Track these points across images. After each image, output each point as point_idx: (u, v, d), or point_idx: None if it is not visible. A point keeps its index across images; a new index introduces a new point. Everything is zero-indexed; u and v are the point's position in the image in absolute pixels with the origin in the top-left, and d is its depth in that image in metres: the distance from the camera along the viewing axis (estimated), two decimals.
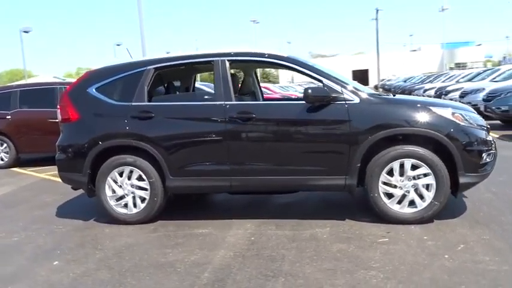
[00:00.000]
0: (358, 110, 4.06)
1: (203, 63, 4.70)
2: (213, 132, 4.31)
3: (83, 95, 4.71)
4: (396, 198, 4.06)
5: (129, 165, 4.51)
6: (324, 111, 4.11)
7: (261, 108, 4.39)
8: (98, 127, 4.59)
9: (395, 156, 4.00)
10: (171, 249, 3.82)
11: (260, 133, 4.26)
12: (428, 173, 3.96)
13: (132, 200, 4.56)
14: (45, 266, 3.62)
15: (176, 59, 4.67)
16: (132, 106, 4.51)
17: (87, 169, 4.57)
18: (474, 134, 4.00)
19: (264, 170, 4.27)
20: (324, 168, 4.15)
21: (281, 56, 4.41)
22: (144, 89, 4.54)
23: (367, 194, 4.11)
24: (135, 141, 4.45)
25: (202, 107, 4.51)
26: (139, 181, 4.52)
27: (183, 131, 4.43)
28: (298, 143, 4.21)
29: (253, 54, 4.51)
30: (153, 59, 4.68)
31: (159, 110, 4.48)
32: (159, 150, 4.40)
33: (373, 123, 4.01)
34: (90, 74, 4.90)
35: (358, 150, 4.02)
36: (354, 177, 4.09)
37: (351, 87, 4.19)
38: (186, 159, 4.40)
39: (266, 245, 3.76)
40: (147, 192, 4.51)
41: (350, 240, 3.75)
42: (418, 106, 4.09)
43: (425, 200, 4.00)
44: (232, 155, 4.28)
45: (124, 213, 4.59)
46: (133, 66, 4.66)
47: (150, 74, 4.57)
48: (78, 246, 4.04)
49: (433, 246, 3.51)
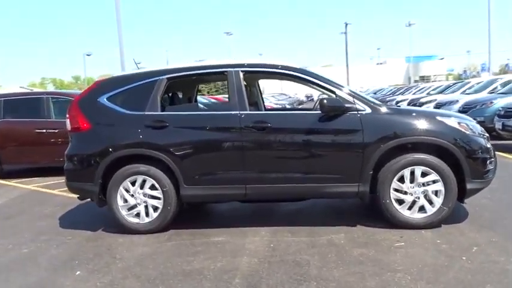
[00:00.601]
0: (370, 119, 4.24)
1: (216, 74, 4.79)
2: (228, 141, 4.39)
3: (93, 105, 4.68)
4: (407, 204, 4.25)
5: (142, 174, 4.51)
6: (337, 121, 4.26)
7: (276, 117, 4.51)
8: (110, 136, 4.58)
9: (406, 163, 4.19)
10: (193, 256, 3.84)
11: (275, 142, 4.36)
12: (437, 180, 4.17)
13: (145, 209, 4.55)
14: (68, 276, 3.57)
15: (190, 69, 4.74)
16: (146, 115, 4.53)
17: (99, 178, 4.53)
18: (478, 142, 4.25)
19: (279, 178, 4.37)
20: (338, 176, 4.30)
21: (294, 68, 4.56)
22: (157, 98, 4.58)
23: (379, 201, 4.28)
24: (149, 151, 4.46)
25: (216, 117, 4.58)
26: (152, 190, 4.52)
27: (197, 140, 4.48)
28: (312, 151, 4.34)
29: (267, 66, 4.64)
30: (166, 69, 4.72)
31: (173, 120, 4.52)
32: (174, 159, 4.43)
33: (385, 133, 4.20)
34: (101, 83, 4.89)
35: (371, 158, 4.19)
36: (366, 184, 4.26)
37: (362, 98, 4.38)
38: (200, 168, 4.45)
39: (288, 251, 3.85)
40: (160, 201, 4.51)
41: (368, 245, 3.89)
42: (427, 116, 4.32)
43: (435, 206, 4.21)
44: (248, 164, 4.37)
45: (136, 223, 4.57)
46: (146, 76, 4.69)
47: (163, 83, 4.61)
48: (96, 256, 3.99)
49: (448, 249, 3.69)
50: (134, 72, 4.89)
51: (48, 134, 8.55)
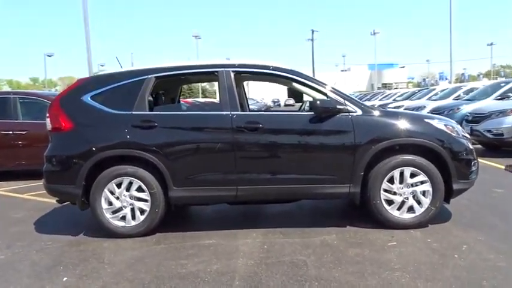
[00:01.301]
0: (361, 121, 4.29)
1: (207, 74, 4.71)
2: (219, 142, 4.31)
3: (76, 103, 4.50)
4: (396, 205, 4.31)
5: (129, 175, 4.36)
6: (329, 122, 4.28)
7: (268, 118, 4.47)
8: (95, 136, 4.40)
9: (396, 164, 4.26)
10: (186, 259, 3.74)
11: (267, 143, 4.33)
12: (425, 181, 4.27)
13: (131, 212, 4.40)
14: (55, 282, 3.38)
15: (179, 68, 4.63)
16: (133, 115, 4.39)
17: (82, 180, 4.34)
18: (463, 144, 4.38)
19: (271, 179, 4.34)
20: (329, 176, 4.31)
21: (285, 69, 4.55)
22: (145, 98, 4.45)
23: (369, 201, 4.32)
24: (137, 151, 4.32)
25: (207, 117, 4.50)
26: (139, 192, 4.38)
27: (187, 141, 4.38)
28: (304, 152, 4.34)
29: (258, 67, 4.60)
30: (154, 68, 4.60)
31: (162, 120, 4.40)
32: (162, 160, 4.31)
33: (375, 134, 4.25)
34: (84, 81, 4.70)
35: (362, 159, 4.24)
36: (357, 185, 4.29)
37: (353, 100, 4.42)
38: (190, 169, 4.35)
39: (283, 252, 3.81)
40: (147, 203, 4.38)
41: (362, 245, 3.91)
42: (416, 118, 4.42)
43: (423, 206, 4.29)
44: (239, 165, 4.31)
45: (122, 226, 4.40)
46: (132, 75, 4.55)
47: (151, 82, 4.49)
48: (82, 261, 3.81)
49: (440, 248, 3.77)
50: (120, 70, 4.74)
51: (14, 136, 8.16)
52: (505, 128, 8.79)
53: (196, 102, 17.80)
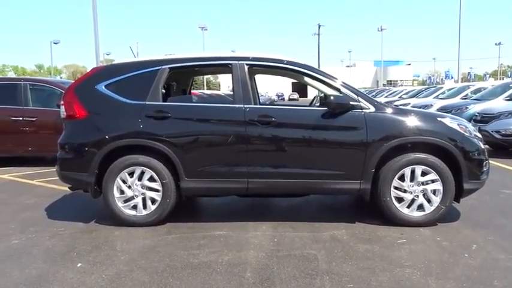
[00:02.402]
0: (374, 118, 4.30)
1: (220, 66, 4.72)
2: (231, 135, 4.34)
3: (91, 92, 4.52)
4: (406, 203, 4.34)
5: (141, 165, 4.39)
6: (342, 118, 4.30)
7: (281, 112, 4.48)
8: (108, 125, 4.43)
9: (408, 162, 4.28)
10: (198, 250, 3.78)
11: (279, 137, 4.34)
12: (436, 179, 4.28)
13: (142, 202, 4.44)
14: (70, 268, 3.43)
15: (193, 60, 4.65)
16: (147, 105, 4.41)
17: (95, 169, 4.38)
18: (475, 144, 4.38)
19: (282, 173, 4.36)
20: (341, 172, 4.33)
21: (299, 63, 4.55)
22: (158, 88, 4.47)
23: (379, 198, 4.34)
24: (150, 141, 4.35)
25: (220, 109, 4.52)
26: (150, 182, 4.42)
27: (200, 132, 4.41)
28: (316, 147, 4.36)
29: (272, 60, 4.61)
30: (169, 59, 4.62)
31: (176, 110, 4.43)
32: (175, 151, 4.34)
33: (388, 131, 4.27)
34: (99, 70, 4.72)
35: (373, 156, 4.25)
36: (368, 181, 4.31)
37: (366, 97, 4.43)
38: (202, 161, 4.38)
39: (293, 246, 3.85)
40: (158, 193, 4.42)
41: (371, 241, 3.94)
42: (429, 117, 4.43)
43: (433, 205, 4.31)
44: (250, 158, 4.33)
45: (133, 215, 4.45)
46: (147, 65, 4.57)
47: (165, 73, 4.51)
48: (95, 249, 3.86)
49: (450, 246, 3.79)
50: (134, 60, 4.76)
51: (24, 122, 8.21)
52: None
53: (203, 94, 17.76)
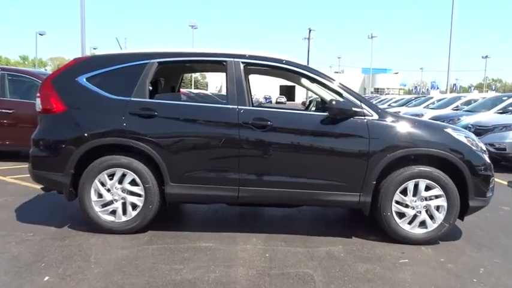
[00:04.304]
0: (377, 126, 4.00)
1: (214, 63, 4.36)
2: (223, 138, 3.98)
3: (70, 84, 4.13)
4: (408, 218, 4.04)
5: (122, 167, 4.01)
6: (343, 125, 3.98)
7: (278, 116, 4.14)
8: (88, 122, 4.04)
9: (411, 175, 3.98)
10: (181, 264, 3.41)
11: (275, 142, 4.01)
12: (440, 195, 4.00)
13: (122, 207, 4.06)
14: (36, 282, 3.03)
15: (184, 54, 4.28)
16: (132, 102, 4.04)
17: (71, 169, 3.99)
18: (483, 159, 4.11)
19: (276, 182, 4.03)
20: (339, 183, 4.01)
21: (300, 64, 4.23)
22: (145, 83, 4.10)
23: (379, 213, 4.04)
24: (133, 141, 3.97)
25: (212, 110, 4.15)
26: (132, 186, 4.04)
27: (189, 134, 4.04)
28: (314, 155, 4.03)
29: (270, 59, 4.26)
30: (158, 52, 4.24)
31: (163, 109, 4.06)
32: (160, 153, 3.97)
33: (392, 141, 3.97)
34: (81, 61, 4.31)
35: (375, 168, 3.95)
36: (368, 194, 4.00)
37: (369, 103, 4.13)
38: (190, 165, 4.02)
39: (286, 263, 3.51)
40: (140, 198, 4.04)
41: (371, 260, 3.63)
42: (436, 128, 4.14)
43: (436, 222, 4.03)
44: (243, 164, 3.99)
45: (111, 221, 4.06)
46: (134, 58, 4.19)
47: (153, 68, 4.14)
48: (66, 259, 3.46)
49: (455, 269, 3.50)
50: (120, 52, 4.37)
51: (0, 115, 7.71)
52: (508, 143, 8.61)
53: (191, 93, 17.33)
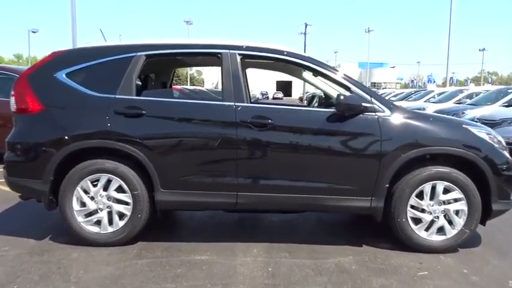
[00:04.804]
0: (390, 123, 3.60)
1: (207, 55, 3.95)
2: (219, 138, 3.58)
3: (48, 81, 3.71)
4: (424, 224, 3.66)
5: (107, 172, 3.61)
6: (352, 122, 3.59)
7: (280, 113, 3.73)
8: (68, 122, 3.63)
9: (428, 177, 3.60)
10: (173, 283, 3.02)
11: (277, 143, 3.61)
12: (460, 198, 3.62)
13: (108, 216, 3.66)
14: None
15: (175, 46, 3.86)
16: (117, 100, 3.63)
17: (50, 175, 3.58)
18: (506, 157, 3.74)
19: (278, 187, 3.64)
20: (348, 187, 3.62)
21: (303, 56, 3.82)
22: (132, 79, 3.69)
23: (393, 219, 3.65)
24: (119, 143, 3.57)
25: (206, 107, 3.75)
26: (118, 193, 3.64)
27: (181, 134, 3.64)
28: (320, 157, 3.63)
29: (270, 50, 3.84)
30: (146, 44, 3.83)
31: (152, 107, 3.65)
32: (149, 156, 3.57)
33: (407, 139, 3.58)
34: (60, 55, 3.89)
35: (388, 169, 3.56)
36: (381, 198, 3.62)
37: (380, 98, 3.74)
38: (182, 169, 3.62)
39: (291, 279, 3.12)
40: (128, 207, 3.64)
41: (386, 274, 3.24)
42: (455, 124, 3.77)
43: (455, 227, 3.65)
44: (242, 167, 3.59)
45: (96, 233, 3.66)
46: (119, 51, 3.78)
47: (141, 61, 3.72)
48: (43, 278, 3.06)
49: (481, 283, 3.13)
50: (104, 44, 3.96)
51: None
52: None
53: (185, 89, 16.84)
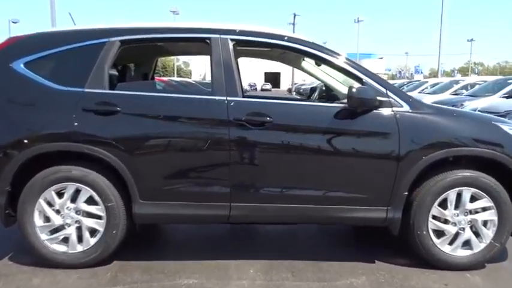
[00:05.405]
0: (409, 120, 3.08)
1: (194, 41, 3.35)
2: (208, 140, 3.02)
3: (3, 72, 3.11)
4: (448, 238, 3.16)
5: (75, 181, 3.03)
6: (366, 119, 3.06)
7: (280, 109, 3.17)
8: (28, 122, 3.03)
9: (453, 183, 3.09)
10: None
11: (277, 144, 3.06)
12: (489, 207, 3.12)
13: (77, 233, 3.08)
14: None
15: (155, 31, 3.26)
16: (85, 94, 3.04)
17: (6, 185, 2.99)
18: None
19: (277, 196, 3.10)
20: (360, 195, 3.10)
21: (307, 42, 3.24)
22: (104, 69, 3.10)
23: (411, 231, 3.14)
24: (89, 146, 2.98)
25: (193, 102, 3.17)
26: (89, 205, 3.06)
27: (163, 135, 3.07)
28: (327, 160, 3.10)
29: (267, 35, 3.25)
30: (120, 28, 3.22)
31: (128, 103, 3.07)
32: (126, 162, 3.00)
33: (430, 139, 3.06)
34: (17, 41, 3.25)
35: (407, 174, 3.04)
36: (398, 208, 3.10)
37: (397, 90, 3.21)
38: (165, 176, 3.06)
39: None
40: (101, 221, 3.07)
41: None
42: (484, 121, 3.26)
43: (484, 240, 3.15)
44: (235, 173, 3.04)
45: (62, 252, 3.09)
46: (88, 36, 3.17)
47: (115, 48, 3.13)
48: None
49: None
50: (70, 29, 3.34)
51: None
52: None
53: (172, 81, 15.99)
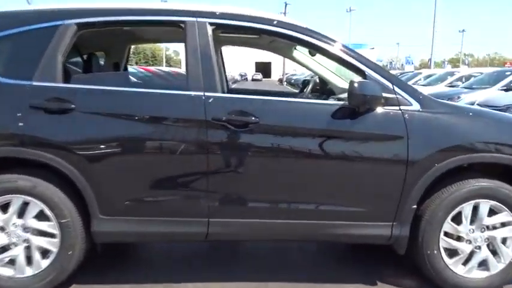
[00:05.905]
0: (419, 120, 2.62)
1: (165, 24, 2.83)
2: (181, 143, 2.54)
3: None
4: (462, 258, 2.72)
5: (21, 192, 2.52)
6: (369, 120, 2.59)
7: (269, 107, 2.67)
8: None
9: (469, 195, 2.65)
10: None
11: (264, 149, 2.58)
12: (509, 222, 2.69)
13: (25, 254, 2.59)
14: None
15: (119, 12, 2.73)
16: (33, 88, 2.53)
17: None
18: None
19: (263, 210, 2.63)
20: (362, 209, 2.64)
21: (300, 27, 2.75)
22: (56, 59, 2.58)
23: (420, 250, 2.70)
24: (38, 152, 2.48)
25: (163, 99, 2.67)
26: (39, 221, 2.56)
27: (128, 139, 2.57)
28: (322, 169, 2.63)
29: (254, 19, 2.74)
30: (76, 9, 2.69)
31: (85, 99, 2.57)
32: (82, 170, 2.50)
33: (444, 144, 2.60)
34: None
35: (417, 184, 2.59)
36: (405, 224, 2.66)
37: (405, 86, 2.75)
38: (131, 188, 2.57)
39: None
40: (54, 240, 2.58)
41: None
42: (506, 121, 2.81)
43: (502, 260, 2.73)
44: (215, 184, 2.57)
45: (8, 277, 2.59)
46: (37, 18, 2.65)
47: (70, 33, 2.61)
48: None
49: None
50: (17, 10, 2.80)
51: None
52: None
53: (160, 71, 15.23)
